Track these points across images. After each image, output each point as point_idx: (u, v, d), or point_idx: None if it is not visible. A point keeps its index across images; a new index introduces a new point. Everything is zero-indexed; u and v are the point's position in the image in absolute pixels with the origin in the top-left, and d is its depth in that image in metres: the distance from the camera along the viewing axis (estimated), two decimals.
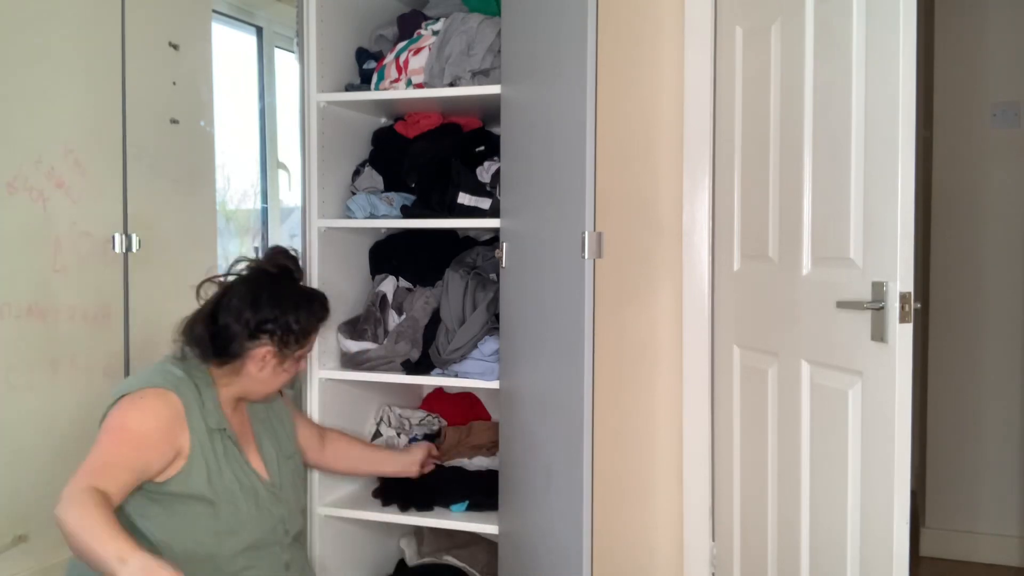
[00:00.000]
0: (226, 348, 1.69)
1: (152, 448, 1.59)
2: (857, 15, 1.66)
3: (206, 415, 1.68)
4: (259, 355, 1.71)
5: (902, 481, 1.56)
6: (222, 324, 1.69)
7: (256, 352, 1.71)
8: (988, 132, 2.92)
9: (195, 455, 1.65)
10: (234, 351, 1.69)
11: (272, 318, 1.69)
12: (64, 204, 2.49)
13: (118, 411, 1.63)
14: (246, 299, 1.69)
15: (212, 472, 1.66)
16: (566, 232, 1.71)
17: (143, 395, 1.64)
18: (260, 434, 1.84)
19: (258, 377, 1.74)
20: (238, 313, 1.68)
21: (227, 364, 1.71)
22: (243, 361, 1.71)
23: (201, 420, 1.67)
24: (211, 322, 1.70)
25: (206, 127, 2.98)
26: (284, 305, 1.71)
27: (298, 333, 1.73)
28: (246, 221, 3.43)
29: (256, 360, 1.71)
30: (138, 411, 1.61)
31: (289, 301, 1.73)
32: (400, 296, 2.34)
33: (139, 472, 1.57)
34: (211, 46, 3.01)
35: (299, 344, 1.74)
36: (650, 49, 2.31)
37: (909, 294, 1.55)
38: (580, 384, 1.66)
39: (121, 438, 1.58)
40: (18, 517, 2.37)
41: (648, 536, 2.37)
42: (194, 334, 1.70)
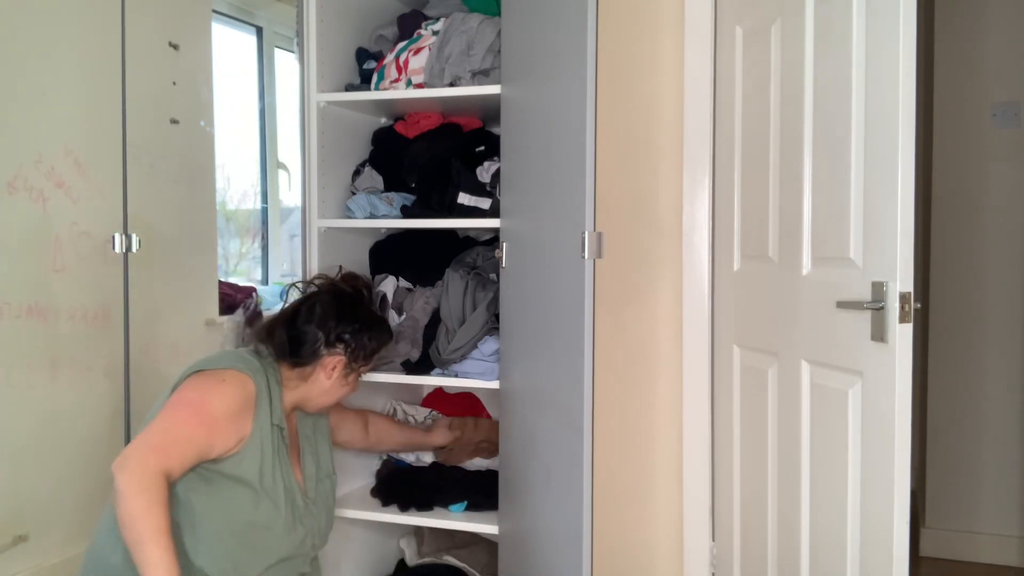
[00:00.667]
0: (302, 351, 1.80)
1: (222, 432, 1.65)
2: (857, 15, 1.66)
3: (271, 411, 1.75)
4: (331, 364, 1.82)
5: (902, 481, 1.56)
6: (302, 328, 1.81)
7: (329, 360, 1.82)
8: (988, 132, 2.92)
9: (254, 442, 1.70)
10: (309, 355, 1.81)
11: (352, 331, 1.83)
12: (64, 204, 2.49)
13: (200, 385, 1.68)
14: (330, 309, 1.83)
15: (264, 464, 1.72)
16: (566, 232, 1.71)
17: (225, 376, 1.70)
18: (304, 449, 1.91)
19: (323, 385, 1.84)
20: (322, 321, 1.81)
21: (299, 367, 1.82)
22: (314, 367, 1.82)
23: (267, 412, 1.74)
24: (290, 325, 1.81)
25: (206, 127, 2.98)
26: (363, 322, 1.86)
27: (368, 350, 1.86)
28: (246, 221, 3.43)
29: (327, 368, 1.82)
30: (220, 393, 1.67)
31: (366, 320, 1.87)
32: (400, 296, 2.34)
33: (204, 452, 1.64)
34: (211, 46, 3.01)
35: (366, 361, 1.88)
36: (650, 49, 2.31)
37: (909, 294, 1.55)
38: (580, 384, 1.66)
39: (198, 416, 1.64)
40: (18, 517, 2.37)
41: (648, 536, 2.37)
42: (273, 335, 1.81)
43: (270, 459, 1.73)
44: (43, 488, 2.43)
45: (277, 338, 1.81)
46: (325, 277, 1.95)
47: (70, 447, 2.49)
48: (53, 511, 2.44)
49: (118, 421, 2.57)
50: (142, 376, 2.60)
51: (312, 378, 1.83)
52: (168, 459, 1.57)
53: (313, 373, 1.82)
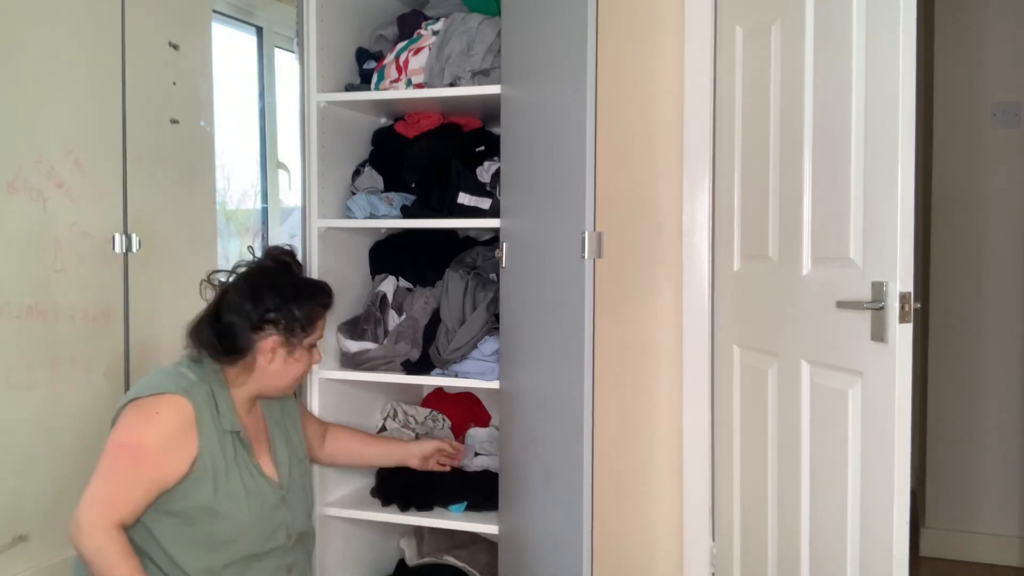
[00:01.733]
0: (234, 345, 1.70)
1: (166, 464, 1.61)
2: (857, 15, 1.66)
3: (220, 418, 1.68)
4: (267, 347, 1.72)
5: (902, 481, 1.56)
6: (226, 322, 1.70)
7: (264, 344, 1.71)
8: (988, 132, 2.92)
9: (203, 462, 1.64)
10: (242, 346, 1.70)
11: (273, 307, 1.70)
12: (64, 204, 2.49)
13: (131, 422, 1.63)
14: (245, 293, 1.71)
15: (219, 478, 1.66)
16: (566, 232, 1.71)
17: (156, 405, 1.63)
18: (275, 436, 1.84)
19: (270, 370, 1.74)
20: (239, 308, 1.69)
21: (238, 361, 1.72)
22: (253, 356, 1.71)
23: (212, 425, 1.67)
24: (215, 321, 1.71)
25: (206, 127, 2.98)
26: (284, 294, 1.72)
27: (302, 320, 1.73)
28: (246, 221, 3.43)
29: (265, 353, 1.72)
30: (151, 426, 1.61)
31: (289, 290, 1.74)
32: (400, 296, 2.34)
33: (154, 489, 1.61)
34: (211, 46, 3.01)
35: (305, 332, 1.75)
36: (650, 49, 2.31)
37: (909, 294, 1.55)
38: (580, 384, 1.66)
39: (136, 458, 1.60)
40: (18, 517, 2.37)
41: (648, 536, 2.37)
42: (201, 336, 1.71)
43: (223, 470, 1.67)
44: (43, 488, 2.42)
45: (206, 339, 1.71)
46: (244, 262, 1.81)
47: (70, 447, 2.49)
48: (53, 511, 2.44)
49: None
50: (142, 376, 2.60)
51: (256, 367, 1.72)
52: (116, 510, 1.57)
53: (255, 363, 1.72)
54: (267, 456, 1.79)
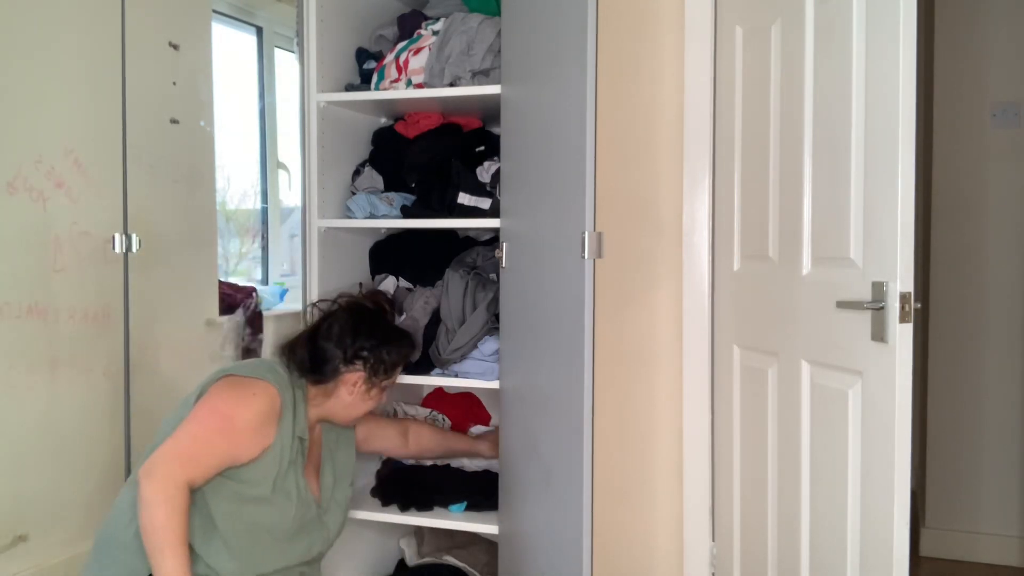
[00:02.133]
0: (323, 369, 1.83)
1: (246, 444, 1.70)
2: (857, 15, 1.66)
3: (296, 422, 1.79)
4: (351, 380, 1.85)
5: (902, 481, 1.56)
6: (322, 346, 1.83)
7: (349, 376, 1.85)
8: (988, 132, 2.92)
9: (273, 452, 1.74)
10: (329, 373, 1.83)
11: (369, 347, 1.85)
12: (64, 204, 2.49)
13: (230, 394, 1.73)
14: (347, 327, 1.85)
15: (280, 474, 1.76)
16: (566, 232, 1.71)
17: (255, 388, 1.74)
18: (325, 460, 1.95)
19: (346, 401, 1.87)
20: (339, 339, 1.84)
21: (321, 384, 1.85)
22: (336, 384, 1.85)
23: (291, 424, 1.78)
24: (311, 344, 1.84)
25: (206, 127, 2.98)
26: (380, 337, 1.87)
27: (388, 364, 1.88)
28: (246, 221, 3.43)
29: (348, 384, 1.85)
30: (247, 406, 1.71)
31: (385, 335, 1.89)
32: (400, 296, 2.34)
33: (228, 462, 1.70)
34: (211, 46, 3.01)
35: (387, 375, 1.89)
36: (650, 49, 2.31)
37: (909, 294, 1.55)
38: (580, 384, 1.66)
39: (226, 428, 1.69)
40: (18, 517, 2.37)
41: (648, 536, 2.37)
42: (295, 354, 1.84)
43: (284, 468, 1.77)
44: (43, 488, 2.42)
45: (299, 357, 1.84)
46: (347, 295, 1.98)
47: (70, 447, 2.49)
48: (53, 511, 2.44)
49: (118, 421, 2.57)
50: (142, 376, 2.60)
51: (335, 394, 1.86)
52: (193, 470, 1.64)
53: (335, 390, 1.86)
54: (314, 475, 1.91)
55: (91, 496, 2.52)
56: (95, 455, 2.56)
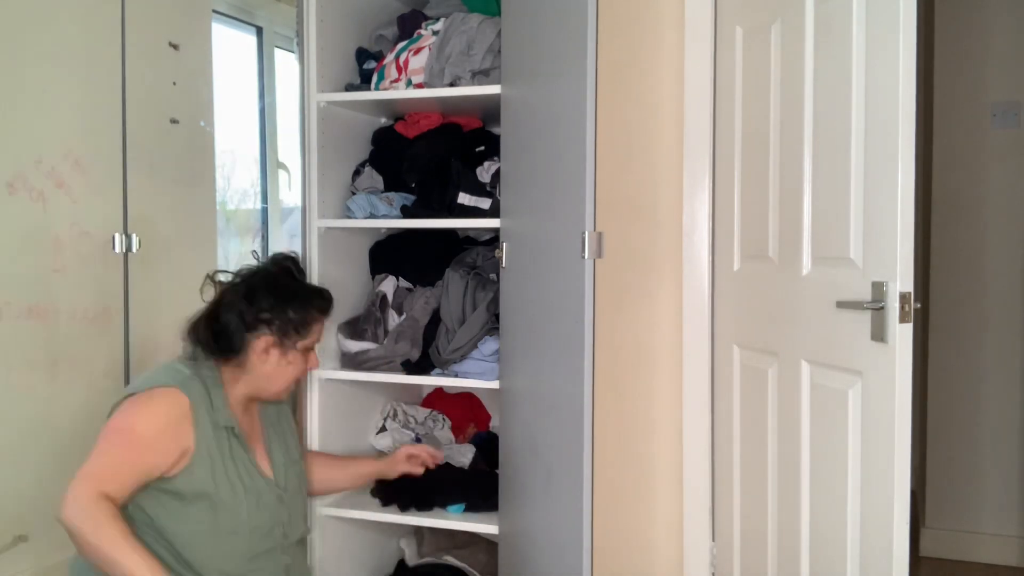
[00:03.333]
0: (229, 343, 1.74)
1: (158, 451, 1.62)
2: (857, 15, 1.66)
3: (214, 413, 1.71)
4: (260, 347, 1.75)
5: (902, 481, 1.56)
6: (222, 319, 1.74)
7: (257, 344, 1.75)
8: (988, 132, 2.92)
9: (200, 453, 1.67)
10: (236, 346, 1.74)
11: (268, 307, 1.75)
12: (64, 204, 2.49)
13: (126, 411, 1.66)
14: (242, 293, 1.75)
15: (217, 470, 1.69)
16: (566, 232, 1.71)
17: (151, 395, 1.66)
18: (270, 437, 1.87)
19: (263, 371, 1.77)
20: (235, 307, 1.74)
21: (232, 360, 1.75)
22: (247, 355, 1.75)
23: (208, 419, 1.70)
24: (213, 320, 1.75)
25: (206, 127, 2.98)
26: (280, 296, 1.77)
27: (296, 323, 1.77)
28: (246, 221, 3.43)
29: (258, 352, 1.76)
30: (146, 413, 1.64)
31: (286, 293, 1.78)
32: (400, 296, 2.34)
33: (144, 474, 1.62)
34: (211, 46, 3.01)
35: (299, 335, 1.78)
36: (650, 49, 2.31)
37: (909, 294, 1.55)
38: (580, 384, 1.66)
39: (128, 440, 1.62)
40: (18, 517, 2.37)
41: (648, 536, 2.37)
42: (198, 333, 1.75)
43: (221, 464, 1.70)
44: (43, 488, 2.42)
45: (203, 336, 1.74)
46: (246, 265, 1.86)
47: (70, 447, 2.49)
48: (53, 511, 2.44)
49: None
50: None
51: (249, 366, 1.76)
52: (103, 484, 1.55)
53: (248, 361, 1.75)
54: (263, 456, 1.83)
55: None
56: None
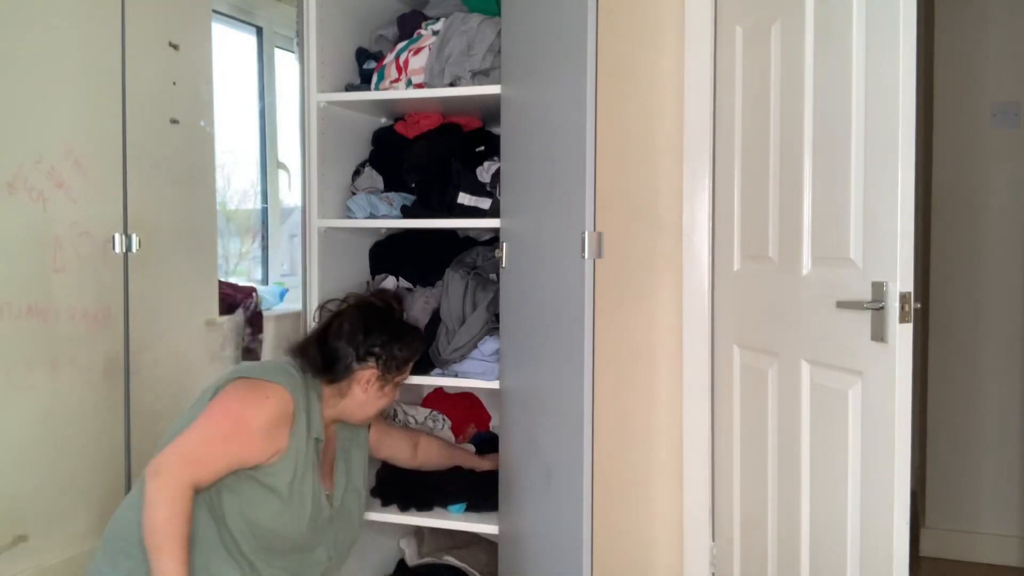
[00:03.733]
0: (336, 368, 1.84)
1: (256, 447, 1.70)
2: (857, 15, 1.66)
3: (311, 423, 1.79)
4: (364, 377, 1.86)
5: (902, 481, 1.56)
6: (334, 346, 1.84)
7: (362, 374, 1.86)
8: (988, 132, 2.92)
9: (289, 455, 1.75)
10: (343, 371, 1.84)
11: (380, 344, 1.86)
12: (64, 204, 2.49)
13: (243, 396, 1.73)
14: (358, 325, 1.86)
15: (296, 477, 1.76)
16: (566, 232, 1.71)
17: (268, 391, 1.74)
18: (338, 460, 1.95)
19: (360, 399, 1.87)
20: (351, 337, 1.85)
21: (335, 383, 1.85)
22: (350, 382, 1.86)
23: (305, 426, 1.78)
24: (322, 344, 1.85)
25: (206, 127, 2.98)
26: (391, 334, 1.88)
27: (400, 360, 1.89)
28: (246, 221, 3.43)
29: (361, 382, 1.86)
30: (260, 409, 1.71)
31: (395, 331, 1.90)
32: (400, 296, 2.34)
33: (236, 465, 1.70)
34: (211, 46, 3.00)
35: (399, 371, 1.90)
36: (650, 49, 2.31)
37: (909, 294, 1.55)
38: (580, 384, 1.66)
39: (235, 431, 1.69)
40: (18, 517, 2.37)
41: (648, 536, 2.37)
42: (307, 354, 1.85)
43: (302, 471, 1.77)
44: (43, 488, 2.42)
45: (311, 357, 1.84)
46: (355, 295, 1.99)
47: (70, 447, 2.49)
48: (53, 511, 2.44)
49: (118, 421, 2.57)
50: (142, 376, 2.60)
51: (349, 393, 1.87)
52: (199, 472, 1.64)
53: (349, 388, 1.87)
54: (328, 477, 1.91)
55: (91, 496, 2.52)
56: (95, 455, 2.55)
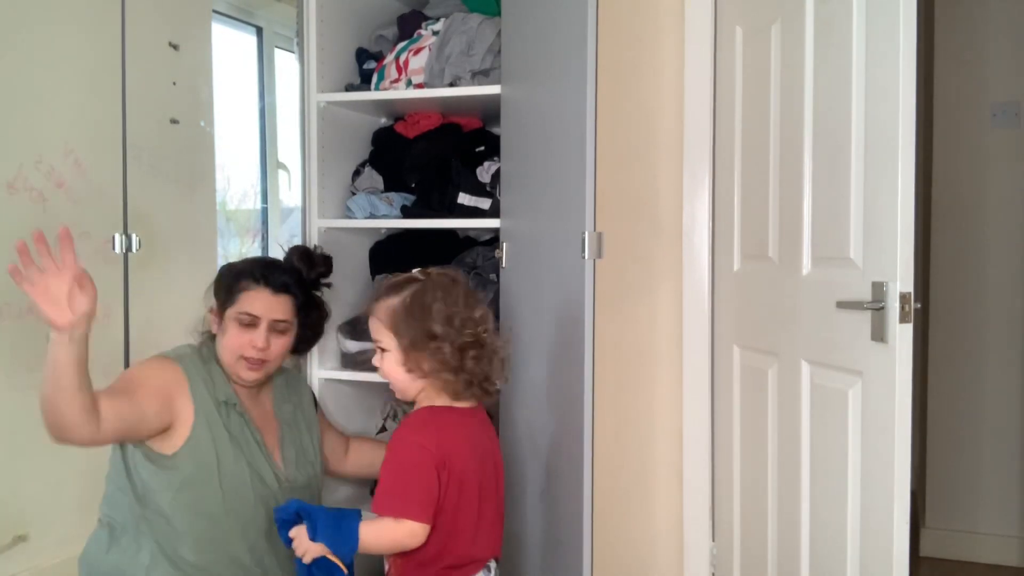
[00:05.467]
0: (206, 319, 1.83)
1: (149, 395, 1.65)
2: (857, 15, 1.66)
3: (213, 388, 1.74)
4: (211, 319, 1.82)
5: (902, 481, 1.56)
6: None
7: (211, 316, 1.82)
8: (988, 132, 2.91)
9: (199, 424, 1.70)
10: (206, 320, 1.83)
11: (218, 278, 1.82)
12: (64, 204, 2.49)
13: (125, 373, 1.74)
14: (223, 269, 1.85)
15: (220, 444, 1.71)
16: (566, 232, 1.71)
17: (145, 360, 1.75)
18: (284, 434, 1.88)
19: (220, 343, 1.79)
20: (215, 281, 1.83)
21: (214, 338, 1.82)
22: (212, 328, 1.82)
23: (207, 393, 1.73)
24: None
25: (206, 127, 2.98)
26: (230, 268, 1.83)
27: (224, 289, 1.79)
28: (246, 221, 3.43)
29: (214, 324, 1.81)
30: (139, 367, 1.73)
31: (237, 264, 1.84)
32: None
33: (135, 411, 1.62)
34: (211, 46, 3.00)
35: (227, 301, 1.78)
36: (650, 49, 2.31)
37: (909, 294, 1.55)
38: (580, 384, 1.66)
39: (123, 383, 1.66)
40: (18, 517, 2.37)
41: (648, 536, 2.37)
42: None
43: (227, 440, 1.72)
44: (43, 488, 2.42)
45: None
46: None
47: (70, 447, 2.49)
48: (53, 511, 2.44)
49: None
50: None
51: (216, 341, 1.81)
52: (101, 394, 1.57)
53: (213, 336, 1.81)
54: (276, 450, 1.84)
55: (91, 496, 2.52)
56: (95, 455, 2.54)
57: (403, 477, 1.48)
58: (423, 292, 1.52)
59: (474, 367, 1.49)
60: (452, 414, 1.52)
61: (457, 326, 1.48)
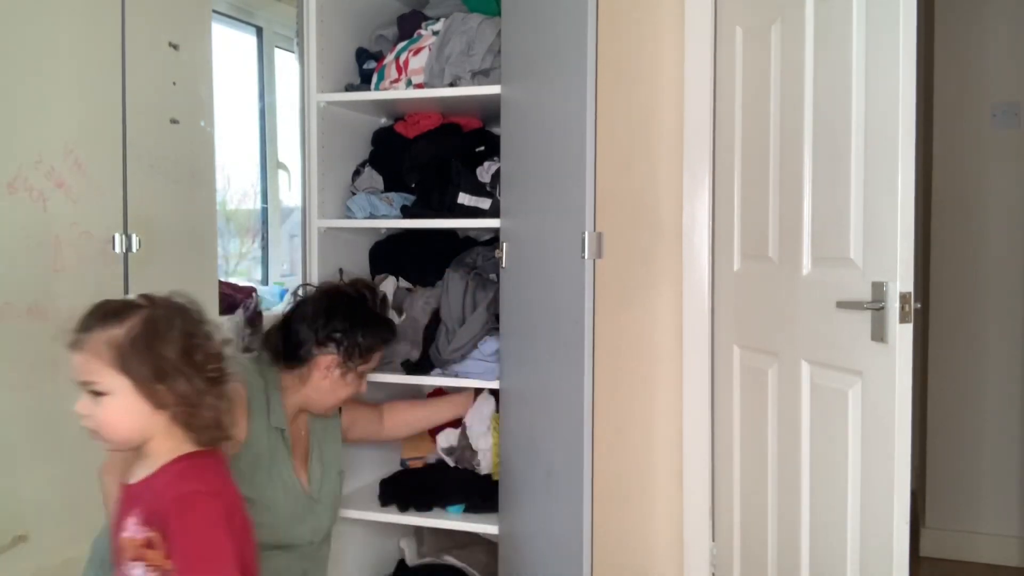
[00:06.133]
0: (296, 352, 1.82)
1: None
2: (857, 15, 1.66)
3: (270, 413, 1.78)
4: (324, 363, 1.83)
5: (902, 481, 1.56)
6: (295, 329, 1.83)
7: (322, 360, 1.83)
8: (988, 132, 2.92)
9: (249, 445, 1.72)
10: (302, 356, 1.82)
11: (342, 329, 1.83)
12: (64, 204, 2.49)
13: None
14: (321, 309, 1.84)
15: (262, 466, 1.75)
16: (566, 232, 1.71)
17: None
18: (313, 450, 1.93)
19: (321, 387, 1.84)
20: (312, 321, 1.82)
21: (295, 369, 1.83)
22: (309, 368, 1.83)
23: (263, 415, 1.76)
24: (284, 328, 1.84)
25: (206, 127, 2.98)
26: (355, 321, 1.85)
27: (362, 347, 1.85)
28: (246, 221, 3.43)
29: (321, 368, 1.83)
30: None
31: (360, 319, 1.87)
32: (400, 296, 2.34)
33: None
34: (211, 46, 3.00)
35: (362, 359, 1.86)
36: (650, 49, 2.31)
37: (909, 294, 1.55)
38: (580, 384, 1.66)
39: None
40: (18, 517, 2.37)
41: (648, 536, 2.37)
42: (269, 340, 1.84)
43: (268, 462, 1.76)
44: (43, 488, 2.42)
45: (272, 341, 1.83)
46: (328, 283, 1.97)
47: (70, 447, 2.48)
48: (53, 511, 2.44)
49: None
50: None
51: (310, 380, 1.84)
52: None
53: (310, 375, 1.84)
54: (302, 467, 1.89)
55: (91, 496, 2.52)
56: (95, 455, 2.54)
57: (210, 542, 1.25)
58: (154, 320, 1.34)
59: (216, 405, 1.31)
60: (212, 458, 1.34)
61: (199, 360, 1.31)
